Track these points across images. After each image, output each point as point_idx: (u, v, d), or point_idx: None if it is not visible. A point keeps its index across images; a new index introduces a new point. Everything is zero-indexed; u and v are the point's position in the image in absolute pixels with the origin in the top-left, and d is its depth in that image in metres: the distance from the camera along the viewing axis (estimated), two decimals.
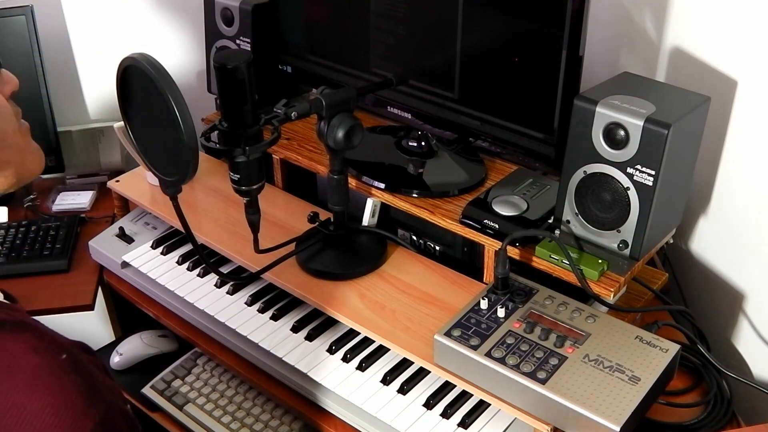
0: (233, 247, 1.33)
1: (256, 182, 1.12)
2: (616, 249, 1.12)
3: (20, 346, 0.74)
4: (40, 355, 0.74)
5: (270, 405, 1.26)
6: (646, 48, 1.40)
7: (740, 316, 1.27)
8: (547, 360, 1.02)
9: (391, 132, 1.49)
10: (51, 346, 0.76)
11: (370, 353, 1.21)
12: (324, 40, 1.46)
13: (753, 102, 1.18)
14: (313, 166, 1.42)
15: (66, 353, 0.75)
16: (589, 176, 1.11)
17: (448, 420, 1.10)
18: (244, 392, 1.29)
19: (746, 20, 1.17)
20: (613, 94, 1.08)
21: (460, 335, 1.07)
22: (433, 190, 1.32)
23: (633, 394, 0.98)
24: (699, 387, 1.19)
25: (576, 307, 1.11)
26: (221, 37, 1.54)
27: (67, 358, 0.75)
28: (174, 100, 0.91)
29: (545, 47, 1.15)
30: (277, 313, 1.28)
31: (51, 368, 0.74)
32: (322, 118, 1.17)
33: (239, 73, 1.05)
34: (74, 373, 0.75)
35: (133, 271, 1.43)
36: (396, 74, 1.32)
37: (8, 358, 0.73)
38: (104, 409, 0.75)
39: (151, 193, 1.49)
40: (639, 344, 1.05)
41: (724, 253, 1.31)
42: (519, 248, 1.19)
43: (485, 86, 1.26)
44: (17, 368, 0.73)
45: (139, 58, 0.93)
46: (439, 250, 1.36)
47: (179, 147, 0.94)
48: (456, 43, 1.26)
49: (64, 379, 0.73)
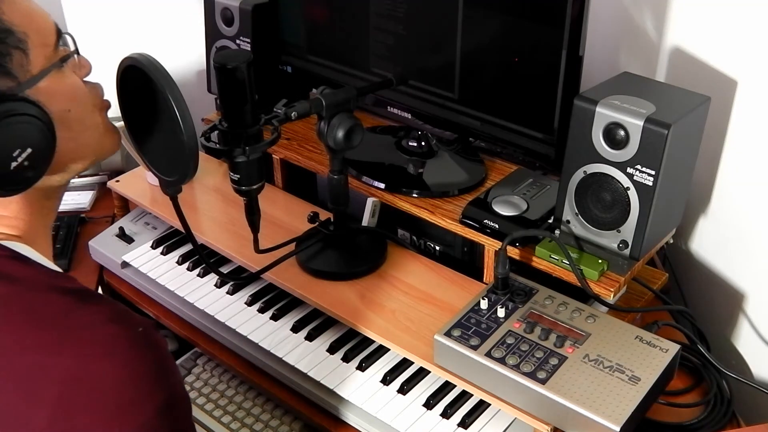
0: (233, 247, 1.33)
1: (256, 182, 1.12)
2: (616, 249, 1.12)
3: (98, 316, 0.76)
4: (118, 325, 0.76)
5: (270, 405, 1.25)
6: (646, 48, 1.40)
7: (740, 316, 1.27)
8: (547, 360, 1.02)
9: (391, 132, 1.49)
10: (127, 318, 0.78)
11: (370, 353, 1.21)
12: (324, 40, 1.46)
13: (753, 102, 1.18)
14: (313, 166, 1.42)
15: (141, 326, 0.77)
16: (589, 176, 1.11)
17: (448, 420, 1.10)
18: (244, 392, 1.28)
19: (746, 20, 1.17)
20: (613, 94, 1.08)
21: (460, 335, 1.07)
22: (433, 190, 1.32)
23: (633, 394, 0.98)
24: (699, 387, 1.19)
25: (576, 307, 1.11)
26: (221, 37, 1.54)
27: (142, 330, 0.77)
28: (174, 100, 0.91)
29: (545, 47, 1.15)
30: (277, 313, 1.28)
31: (127, 339, 0.75)
32: (322, 118, 1.17)
33: (239, 73, 1.05)
34: (148, 347, 0.76)
35: (133, 271, 1.43)
36: (396, 74, 1.32)
37: (86, 327, 0.75)
38: (173, 385, 0.78)
39: (151, 193, 1.49)
40: (639, 344, 1.05)
41: (724, 253, 1.31)
42: (519, 248, 1.19)
43: (485, 86, 1.26)
44: (95, 337, 0.74)
45: (139, 58, 0.93)
46: (439, 250, 1.36)
47: (179, 147, 0.94)
48: (456, 43, 1.26)
49: (140, 352, 0.75)
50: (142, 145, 1.04)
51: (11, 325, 0.74)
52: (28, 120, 0.77)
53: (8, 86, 0.77)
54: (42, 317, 0.75)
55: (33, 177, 0.79)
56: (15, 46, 0.77)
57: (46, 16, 0.84)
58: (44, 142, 0.79)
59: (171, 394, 0.77)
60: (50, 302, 0.77)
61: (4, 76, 0.77)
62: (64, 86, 0.83)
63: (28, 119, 0.77)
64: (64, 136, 0.82)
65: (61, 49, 0.85)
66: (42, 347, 0.73)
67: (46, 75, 0.81)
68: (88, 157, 0.89)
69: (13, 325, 0.74)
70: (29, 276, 0.79)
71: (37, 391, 0.71)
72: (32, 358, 0.72)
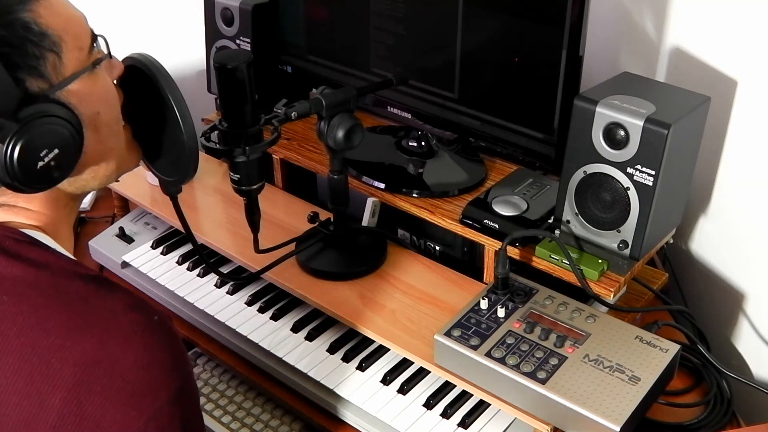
0: (233, 247, 1.33)
1: (256, 182, 1.12)
2: (616, 249, 1.12)
3: (117, 303, 0.79)
4: (137, 312, 0.78)
5: (270, 405, 1.25)
6: (646, 48, 1.40)
7: (740, 316, 1.27)
8: (547, 360, 1.02)
9: (391, 132, 1.49)
10: (146, 306, 0.80)
11: (370, 353, 1.21)
12: (324, 40, 1.46)
13: (753, 102, 1.18)
14: (313, 166, 1.42)
15: (157, 315, 0.79)
16: (589, 176, 1.11)
17: (448, 420, 1.10)
18: (244, 392, 1.28)
19: (746, 20, 1.17)
20: (613, 94, 1.08)
21: (460, 335, 1.07)
22: (433, 190, 1.32)
23: (633, 394, 0.98)
24: (699, 387, 1.19)
25: (576, 307, 1.11)
26: (221, 37, 1.54)
27: (158, 319, 0.79)
28: (174, 100, 0.91)
29: (545, 47, 1.15)
30: (277, 313, 1.28)
31: (146, 326, 0.77)
32: (322, 118, 1.17)
33: (239, 73, 1.05)
34: (165, 335, 0.79)
35: (133, 271, 1.43)
36: (396, 74, 1.32)
37: (106, 312, 0.77)
38: (186, 373, 0.80)
39: (151, 193, 1.49)
40: (639, 344, 1.05)
41: (724, 253, 1.31)
42: (519, 248, 1.19)
43: (485, 86, 1.26)
44: (115, 322, 0.77)
45: (139, 57, 0.93)
46: (439, 250, 1.36)
47: (179, 147, 0.94)
48: (456, 43, 1.26)
49: (156, 338, 0.77)
50: (142, 145, 1.04)
51: (35, 307, 0.76)
52: (58, 122, 0.79)
53: (41, 88, 0.78)
54: (65, 301, 0.77)
55: (58, 177, 0.81)
56: (49, 49, 0.79)
57: (82, 19, 0.85)
58: (72, 143, 0.81)
59: (184, 382, 0.79)
60: (73, 287, 0.79)
61: (38, 78, 0.78)
62: (96, 89, 0.85)
63: (58, 121, 0.79)
64: (91, 139, 0.84)
65: (95, 51, 0.86)
66: (64, 330, 0.75)
67: (78, 78, 0.82)
68: (112, 160, 0.90)
69: (37, 307, 0.76)
70: (52, 261, 0.81)
71: (56, 372, 0.73)
72: (53, 340, 0.74)
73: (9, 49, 0.75)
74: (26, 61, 0.77)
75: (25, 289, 0.77)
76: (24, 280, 0.77)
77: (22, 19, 0.76)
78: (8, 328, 0.75)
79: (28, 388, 0.73)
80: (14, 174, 0.77)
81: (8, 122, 0.75)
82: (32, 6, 0.78)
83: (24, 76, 0.77)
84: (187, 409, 0.79)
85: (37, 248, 0.82)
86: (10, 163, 0.76)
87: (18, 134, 0.76)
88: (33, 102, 0.77)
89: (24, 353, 0.74)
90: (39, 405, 0.72)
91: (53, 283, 0.78)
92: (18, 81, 0.76)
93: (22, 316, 0.75)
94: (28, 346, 0.74)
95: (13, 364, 0.74)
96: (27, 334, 0.74)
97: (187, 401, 0.79)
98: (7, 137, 0.75)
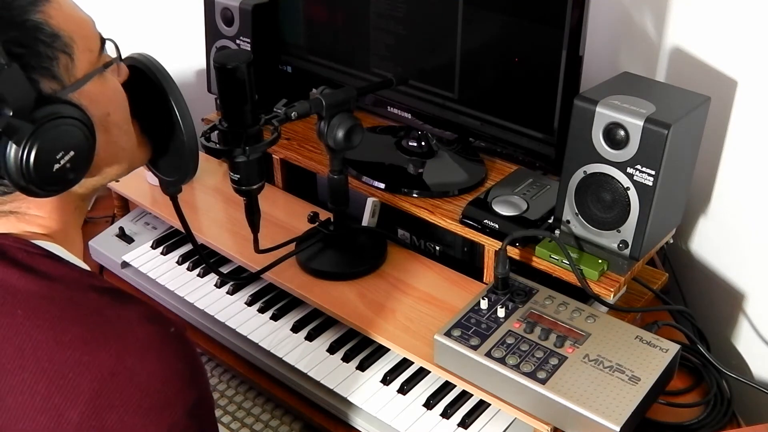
0: (233, 247, 1.34)
1: (256, 182, 1.12)
2: (616, 249, 1.12)
3: (133, 314, 0.78)
4: (154, 324, 0.78)
5: (270, 405, 1.25)
6: (646, 48, 1.40)
7: (740, 316, 1.27)
8: (547, 360, 1.02)
9: (391, 132, 1.49)
10: (162, 318, 0.79)
11: (370, 353, 1.21)
12: (324, 40, 1.46)
13: (753, 102, 1.18)
14: (313, 166, 1.42)
15: (174, 327, 0.79)
16: (589, 176, 1.11)
17: (448, 420, 1.10)
18: (244, 392, 1.28)
19: (746, 20, 1.17)
20: (613, 94, 1.08)
21: (460, 335, 1.07)
22: (433, 190, 1.32)
23: (633, 394, 0.98)
24: (699, 387, 1.19)
25: (576, 307, 1.11)
26: (221, 37, 1.54)
27: (175, 330, 0.79)
28: (174, 100, 0.91)
29: (545, 47, 1.15)
30: (277, 313, 1.28)
31: (163, 338, 0.77)
32: (322, 118, 1.17)
33: (239, 73, 1.05)
34: (182, 346, 0.78)
35: (133, 271, 1.43)
36: (396, 74, 1.32)
37: (123, 324, 0.76)
38: (202, 384, 0.80)
39: (151, 193, 1.49)
40: (639, 344, 1.05)
41: (724, 253, 1.31)
42: (519, 248, 1.19)
43: (485, 86, 1.26)
44: (131, 334, 0.76)
45: (139, 58, 0.93)
46: (439, 250, 1.36)
47: (179, 147, 0.94)
48: (456, 43, 1.26)
49: (174, 350, 0.77)
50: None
51: (50, 321, 0.75)
52: (72, 123, 0.78)
53: (53, 89, 0.78)
54: (80, 314, 0.76)
55: (73, 179, 0.80)
56: (61, 50, 0.78)
57: (90, 22, 0.85)
58: (86, 145, 0.80)
59: (201, 393, 0.79)
60: (88, 300, 0.78)
61: (51, 79, 0.77)
62: (106, 91, 0.85)
63: (73, 122, 0.78)
64: (103, 140, 0.83)
65: (104, 54, 0.86)
66: (80, 343, 0.74)
67: (89, 79, 0.81)
68: (123, 160, 0.90)
69: (52, 321, 0.75)
70: (65, 274, 0.80)
71: (74, 387, 0.72)
72: (70, 354, 0.73)
73: (23, 50, 0.75)
74: (39, 62, 0.76)
75: (39, 303, 0.76)
76: (38, 293, 0.76)
77: (34, 20, 0.76)
78: (24, 342, 0.73)
79: (46, 403, 0.72)
80: (30, 177, 0.75)
81: (24, 123, 0.74)
82: (42, 7, 0.77)
83: (37, 77, 0.76)
84: (204, 419, 0.79)
85: (50, 260, 0.81)
86: (26, 165, 0.74)
87: (34, 136, 0.74)
88: (47, 103, 0.76)
89: (40, 368, 0.73)
90: (57, 420, 0.72)
91: (68, 297, 0.77)
92: (32, 82, 0.75)
93: (38, 331, 0.74)
94: (45, 360, 0.73)
95: (29, 380, 0.73)
96: (43, 349, 0.73)
97: (204, 412, 0.79)
98: (23, 139, 0.74)
